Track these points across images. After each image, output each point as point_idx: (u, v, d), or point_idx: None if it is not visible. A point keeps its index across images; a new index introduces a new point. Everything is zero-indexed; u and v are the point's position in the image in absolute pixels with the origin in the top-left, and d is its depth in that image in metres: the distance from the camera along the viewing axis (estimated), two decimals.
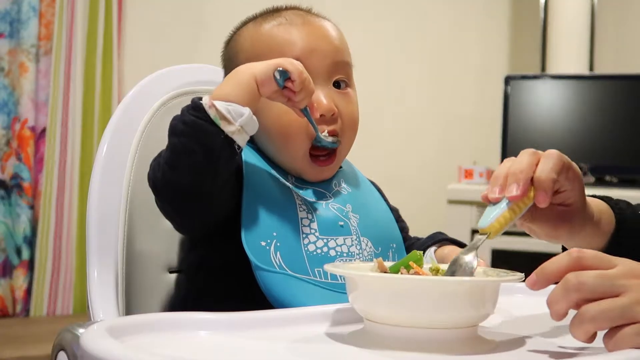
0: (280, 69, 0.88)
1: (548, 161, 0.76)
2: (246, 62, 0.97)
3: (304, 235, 0.92)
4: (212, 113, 0.85)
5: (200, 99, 0.87)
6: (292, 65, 0.89)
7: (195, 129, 0.85)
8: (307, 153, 0.97)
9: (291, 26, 1.00)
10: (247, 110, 0.87)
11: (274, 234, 0.90)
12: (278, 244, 0.90)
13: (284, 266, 0.89)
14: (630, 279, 0.62)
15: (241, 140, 0.87)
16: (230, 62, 1.04)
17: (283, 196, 0.94)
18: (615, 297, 0.62)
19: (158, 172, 0.88)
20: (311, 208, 0.95)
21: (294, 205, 0.94)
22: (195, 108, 0.86)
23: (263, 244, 0.89)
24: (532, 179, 0.76)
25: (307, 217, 0.93)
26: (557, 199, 0.80)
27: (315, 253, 0.91)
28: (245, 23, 1.05)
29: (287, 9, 1.04)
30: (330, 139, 0.97)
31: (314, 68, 0.97)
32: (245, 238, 0.89)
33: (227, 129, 0.86)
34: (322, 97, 0.97)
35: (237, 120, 0.86)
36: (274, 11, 1.04)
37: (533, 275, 0.66)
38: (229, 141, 0.86)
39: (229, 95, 0.88)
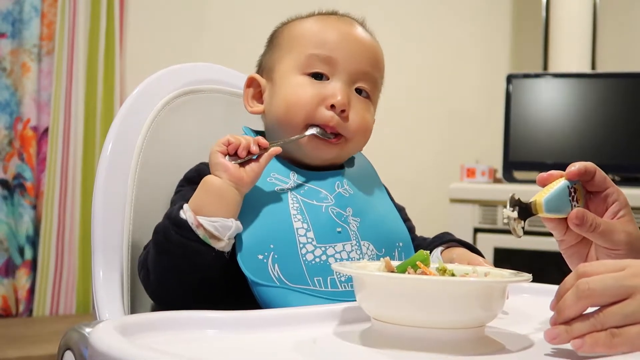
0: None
1: None
2: (283, 54, 1.01)
3: (301, 245, 0.90)
4: (200, 233, 0.85)
5: (181, 208, 0.86)
6: (213, 150, 0.91)
7: (184, 250, 0.85)
8: (309, 124, 0.97)
9: (332, 24, 1.02)
10: (232, 223, 0.87)
11: (271, 246, 0.89)
12: (276, 256, 0.89)
13: (283, 278, 0.88)
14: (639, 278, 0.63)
15: (229, 247, 0.88)
16: (265, 54, 1.06)
17: (277, 207, 0.93)
18: (625, 299, 0.62)
19: (150, 285, 0.90)
20: (307, 216, 0.93)
21: (289, 216, 0.92)
22: (180, 226, 0.86)
23: (260, 257, 0.88)
24: None
25: (303, 227, 0.92)
26: None
27: (314, 262, 0.90)
28: (290, 20, 1.07)
29: (339, 14, 1.05)
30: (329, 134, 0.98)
31: (342, 67, 0.98)
32: (241, 255, 0.88)
33: (217, 245, 0.86)
34: (339, 91, 0.97)
35: (225, 235, 0.86)
36: (324, 13, 1.05)
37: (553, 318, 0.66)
38: (219, 254, 0.86)
39: (211, 209, 0.87)
